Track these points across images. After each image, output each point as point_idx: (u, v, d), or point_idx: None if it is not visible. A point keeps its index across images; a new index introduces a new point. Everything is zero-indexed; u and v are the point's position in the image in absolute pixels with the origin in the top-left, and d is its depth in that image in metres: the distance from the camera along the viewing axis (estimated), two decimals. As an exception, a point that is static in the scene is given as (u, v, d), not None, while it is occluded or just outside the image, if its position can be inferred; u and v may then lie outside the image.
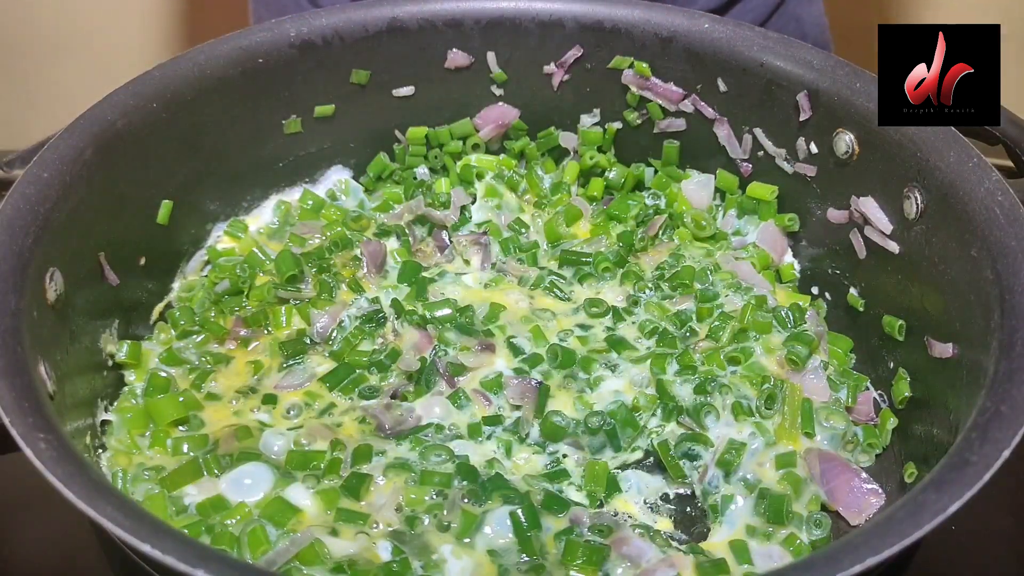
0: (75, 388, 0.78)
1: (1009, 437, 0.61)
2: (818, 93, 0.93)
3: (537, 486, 0.81)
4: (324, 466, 0.80)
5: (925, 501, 0.59)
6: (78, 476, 0.59)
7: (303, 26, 0.99)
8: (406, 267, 1.00)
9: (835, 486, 0.82)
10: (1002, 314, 0.70)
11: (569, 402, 0.87)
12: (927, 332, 0.82)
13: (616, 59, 1.03)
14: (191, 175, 0.97)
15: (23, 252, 0.73)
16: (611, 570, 0.74)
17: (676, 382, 0.88)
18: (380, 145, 1.10)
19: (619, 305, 0.97)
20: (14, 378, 0.64)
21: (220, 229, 1.03)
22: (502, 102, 1.08)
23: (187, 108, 0.93)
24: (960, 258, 0.78)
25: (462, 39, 1.03)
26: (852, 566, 0.54)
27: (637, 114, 1.06)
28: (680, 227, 1.05)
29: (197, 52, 0.95)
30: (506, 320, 0.94)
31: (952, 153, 0.81)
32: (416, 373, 0.89)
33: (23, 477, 0.63)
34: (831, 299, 0.99)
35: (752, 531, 0.79)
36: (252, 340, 0.93)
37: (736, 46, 0.97)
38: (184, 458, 0.80)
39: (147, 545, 0.54)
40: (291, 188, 1.08)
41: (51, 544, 0.82)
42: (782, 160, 0.99)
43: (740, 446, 0.83)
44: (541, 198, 1.08)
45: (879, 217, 0.88)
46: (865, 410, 0.88)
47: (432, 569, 0.72)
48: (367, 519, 0.76)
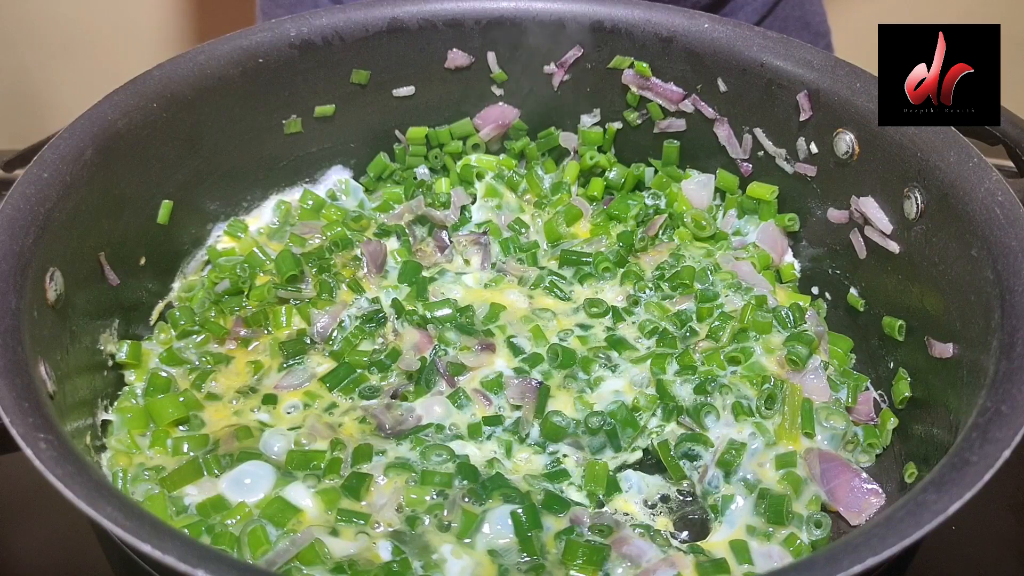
0: (75, 388, 0.78)
1: (1009, 437, 0.61)
2: (818, 93, 0.93)
3: (537, 486, 0.81)
4: (324, 466, 0.80)
5: (925, 501, 0.59)
6: (78, 476, 0.58)
7: (303, 26, 0.99)
8: (406, 267, 1.01)
9: (835, 486, 0.82)
10: (1002, 314, 0.70)
11: (569, 402, 0.87)
12: (927, 332, 0.82)
13: (616, 59, 1.03)
14: (191, 175, 0.97)
15: (23, 252, 0.73)
16: (611, 570, 0.74)
17: (676, 382, 0.88)
18: (380, 145, 1.10)
19: (619, 305, 0.97)
20: (14, 378, 0.64)
21: (220, 229, 1.03)
22: (502, 102, 1.08)
23: (187, 108, 0.93)
24: (960, 258, 0.78)
25: (462, 39, 1.03)
26: (852, 566, 0.54)
27: (637, 114, 1.06)
28: (680, 227, 1.05)
29: (197, 52, 0.95)
30: (506, 320, 0.94)
31: (952, 153, 0.81)
32: (416, 373, 0.89)
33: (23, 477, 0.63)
34: (831, 299, 0.99)
35: (752, 531, 0.79)
36: (252, 340, 0.93)
37: (736, 46, 0.97)
38: (184, 458, 0.80)
39: (147, 545, 0.54)
40: (291, 188, 1.08)
41: (51, 544, 0.82)
42: (782, 160, 0.99)
43: (740, 446, 0.83)
44: (541, 198, 1.08)
45: (879, 217, 0.88)
46: (865, 410, 0.88)
47: (432, 569, 0.72)
48: (368, 519, 0.76)
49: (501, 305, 0.96)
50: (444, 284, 1.00)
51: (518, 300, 0.98)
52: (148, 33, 2.18)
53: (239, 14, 1.85)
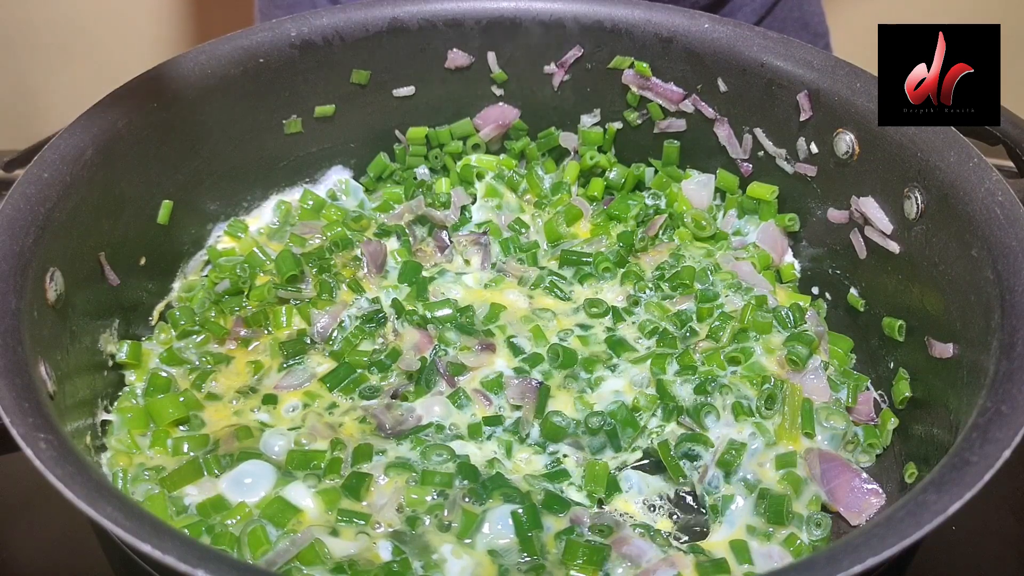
0: (75, 388, 0.78)
1: (1009, 437, 0.61)
2: (818, 93, 0.93)
3: (537, 486, 0.81)
4: (324, 466, 0.80)
5: (925, 501, 0.59)
6: (78, 476, 0.58)
7: (303, 26, 0.99)
8: (406, 267, 1.01)
9: (835, 486, 0.82)
10: (1002, 314, 0.70)
11: (569, 402, 0.87)
12: (927, 332, 0.82)
13: (616, 59, 1.03)
14: (191, 175, 0.97)
15: (23, 252, 0.73)
16: (611, 570, 0.74)
17: (676, 382, 0.88)
18: (380, 145, 1.10)
19: (619, 305, 0.97)
20: (14, 378, 0.64)
21: (220, 229, 1.03)
22: (502, 102, 1.08)
23: (187, 108, 0.93)
24: (960, 258, 0.78)
25: (462, 39, 1.03)
26: (852, 566, 0.54)
27: (637, 114, 1.06)
28: (680, 227, 1.05)
29: (198, 52, 0.95)
30: (506, 320, 0.94)
31: (952, 153, 0.81)
32: (416, 373, 0.89)
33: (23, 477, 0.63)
34: (831, 299, 0.99)
35: (752, 531, 0.79)
36: (252, 340, 0.93)
37: (736, 46, 0.97)
38: (184, 458, 0.80)
39: (147, 545, 0.54)
40: (291, 188, 1.08)
41: (51, 544, 0.82)
42: (782, 160, 0.99)
43: (740, 446, 0.83)
44: (541, 198, 1.08)
45: (879, 217, 0.88)
46: (865, 410, 0.88)
47: (432, 569, 0.72)
48: (368, 519, 0.76)
49: (501, 305, 0.96)
50: (444, 284, 1.00)
51: (518, 300, 0.98)
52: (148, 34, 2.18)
53: (238, 14, 1.85)
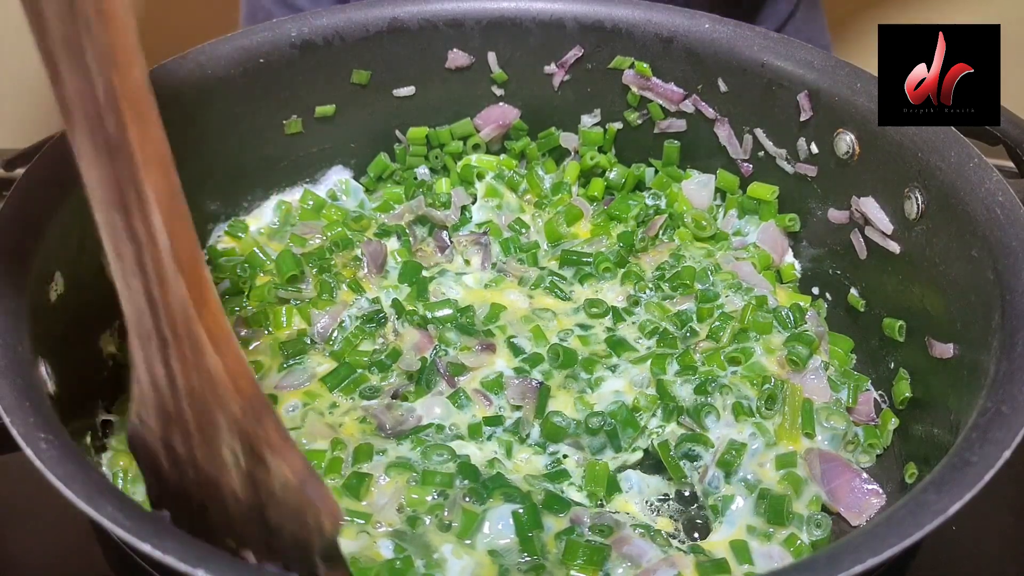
0: (75, 388, 0.78)
1: (1010, 437, 0.61)
2: (818, 93, 0.93)
3: (538, 486, 0.81)
4: (325, 465, 0.80)
5: (925, 501, 0.59)
6: (78, 476, 0.58)
7: (304, 26, 0.99)
8: (406, 267, 1.00)
9: (836, 486, 0.82)
10: (1003, 314, 0.70)
11: (569, 402, 0.87)
12: (928, 332, 0.82)
13: (617, 59, 1.03)
14: (191, 175, 0.95)
15: (23, 252, 0.73)
16: (612, 570, 0.74)
17: (676, 382, 0.88)
18: (381, 145, 1.10)
19: (619, 305, 0.97)
20: (14, 378, 0.64)
21: (220, 229, 1.03)
22: (503, 102, 1.08)
23: (187, 108, 0.93)
24: (961, 258, 0.78)
25: (463, 39, 1.03)
26: (852, 566, 0.54)
27: (638, 114, 1.06)
28: (680, 227, 1.05)
29: (198, 52, 0.94)
30: (506, 320, 0.94)
31: (953, 153, 0.81)
32: (417, 373, 0.89)
33: (23, 477, 0.62)
34: (832, 299, 0.99)
35: (752, 531, 0.78)
36: (252, 340, 0.93)
37: (736, 46, 0.97)
38: (184, 458, 0.80)
39: (147, 545, 0.54)
40: (292, 188, 1.08)
41: (51, 544, 0.82)
42: (783, 160, 0.99)
43: (740, 446, 0.83)
44: (542, 198, 1.08)
45: (880, 217, 0.88)
46: (866, 410, 0.88)
47: (433, 568, 0.73)
48: (368, 519, 0.76)
49: (501, 305, 0.96)
50: (444, 284, 1.00)
51: (518, 300, 0.98)
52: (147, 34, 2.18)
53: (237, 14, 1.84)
